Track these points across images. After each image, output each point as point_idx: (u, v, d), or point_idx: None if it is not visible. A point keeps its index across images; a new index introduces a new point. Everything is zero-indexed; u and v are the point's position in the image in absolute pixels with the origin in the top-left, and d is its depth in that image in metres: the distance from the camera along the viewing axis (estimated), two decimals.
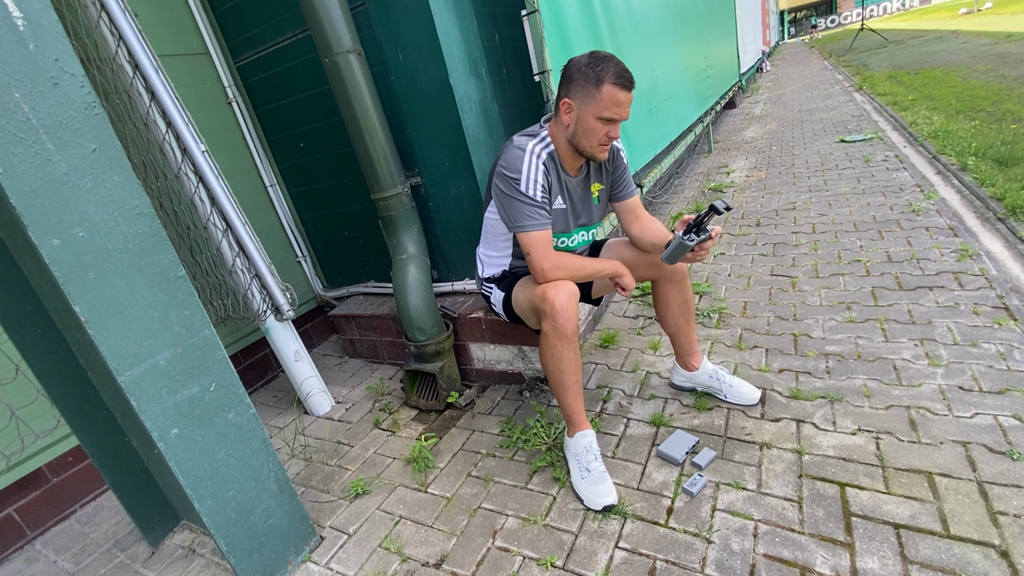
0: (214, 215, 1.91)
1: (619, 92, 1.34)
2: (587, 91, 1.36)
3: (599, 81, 1.34)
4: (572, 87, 1.39)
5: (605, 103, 1.35)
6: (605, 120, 1.38)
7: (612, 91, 1.34)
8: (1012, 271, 2.17)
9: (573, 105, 1.40)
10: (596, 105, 1.36)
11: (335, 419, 2.14)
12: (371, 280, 2.56)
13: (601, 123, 1.38)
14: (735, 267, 2.77)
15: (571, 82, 1.39)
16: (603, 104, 1.35)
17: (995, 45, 9.02)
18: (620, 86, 1.34)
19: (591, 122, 1.39)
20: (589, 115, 1.38)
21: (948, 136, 4.12)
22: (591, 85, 1.35)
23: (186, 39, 2.28)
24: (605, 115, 1.37)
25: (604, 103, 1.35)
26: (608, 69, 1.34)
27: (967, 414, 1.48)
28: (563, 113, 1.43)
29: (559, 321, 1.40)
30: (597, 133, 1.40)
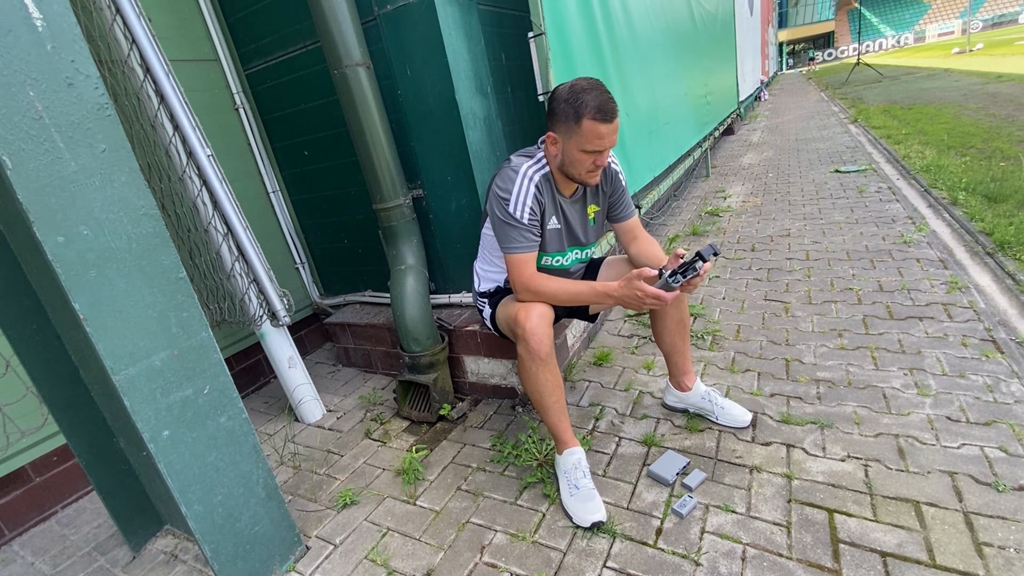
0: (216, 219, 1.92)
1: (599, 126, 1.33)
2: (568, 126, 1.37)
3: (579, 116, 1.34)
4: (555, 120, 1.40)
5: (586, 137, 1.35)
6: (589, 152, 1.39)
7: (592, 125, 1.33)
8: (1000, 305, 2.21)
9: (558, 138, 1.41)
10: (578, 139, 1.36)
11: (326, 427, 2.12)
12: (368, 289, 2.57)
13: (586, 154, 1.39)
14: (730, 290, 2.80)
15: (554, 115, 1.40)
16: (585, 138, 1.36)
17: (986, 85, 9.27)
18: (599, 120, 1.33)
19: (576, 154, 1.39)
20: (573, 148, 1.39)
21: (940, 170, 4.21)
22: (571, 120, 1.35)
23: (198, 45, 2.31)
24: (588, 148, 1.37)
25: (585, 137, 1.35)
26: (587, 103, 1.32)
27: (955, 444, 1.50)
28: (549, 145, 1.45)
29: (531, 344, 1.41)
30: (584, 163, 1.41)
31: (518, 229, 1.46)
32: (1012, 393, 1.66)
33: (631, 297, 1.36)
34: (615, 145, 1.44)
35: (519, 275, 1.49)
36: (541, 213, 1.51)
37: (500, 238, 1.50)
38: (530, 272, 1.49)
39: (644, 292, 1.32)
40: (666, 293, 1.32)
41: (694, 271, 1.30)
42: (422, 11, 1.83)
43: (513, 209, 1.45)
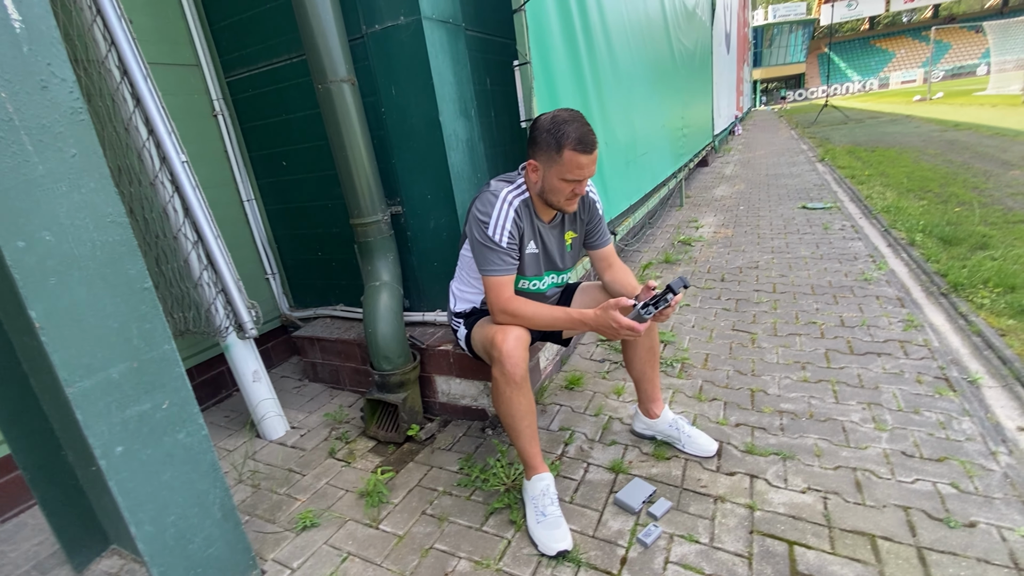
0: (186, 226, 1.87)
1: (579, 156, 1.38)
2: (549, 155, 1.41)
3: (560, 146, 1.38)
4: (536, 149, 1.44)
5: (567, 167, 1.40)
6: (569, 180, 1.43)
7: (572, 156, 1.38)
8: (952, 344, 2.31)
9: (538, 166, 1.46)
10: (558, 168, 1.41)
11: (288, 445, 2.06)
12: (341, 303, 2.53)
13: (565, 183, 1.43)
14: (699, 319, 2.86)
15: (535, 144, 1.44)
16: (565, 168, 1.40)
17: (944, 132, 9.83)
18: (580, 151, 1.38)
19: (555, 182, 1.44)
20: (553, 176, 1.43)
21: (899, 212, 4.43)
22: (552, 150, 1.40)
23: (179, 50, 2.28)
24: (568, 177, 1.42)
25: (566, 167, 1.40)
26: (568, 134, 1.37)
27: (909, 479, 1.55)
28: (530, 172, 1.49)
29: (507, 367, 1.41)
30: (563, 191, 1.45)
31: (497, 252, 1.48)
32: (963, 431, 1.73)
33: (606, 326, 1.40)
34: (594, 175, 1.48)
35: (497, 298, 1.50)
36: (520, 237, 1.53)
37: (479, 260, 1.52)
38: (508, 295, 1.50)
39: (619, 323, 1.36)
40: (639, 324, 1.36)
41: (665, 303, 1.33)
42: (410, 33, 1.85)
43: (492, 232, 1.47)
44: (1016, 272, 2.89)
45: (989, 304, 2.60)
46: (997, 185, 5.14)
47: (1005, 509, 1.40)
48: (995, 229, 3.74)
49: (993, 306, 2.58)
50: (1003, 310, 2.53)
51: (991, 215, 4.11)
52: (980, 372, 2.07)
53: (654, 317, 1.38)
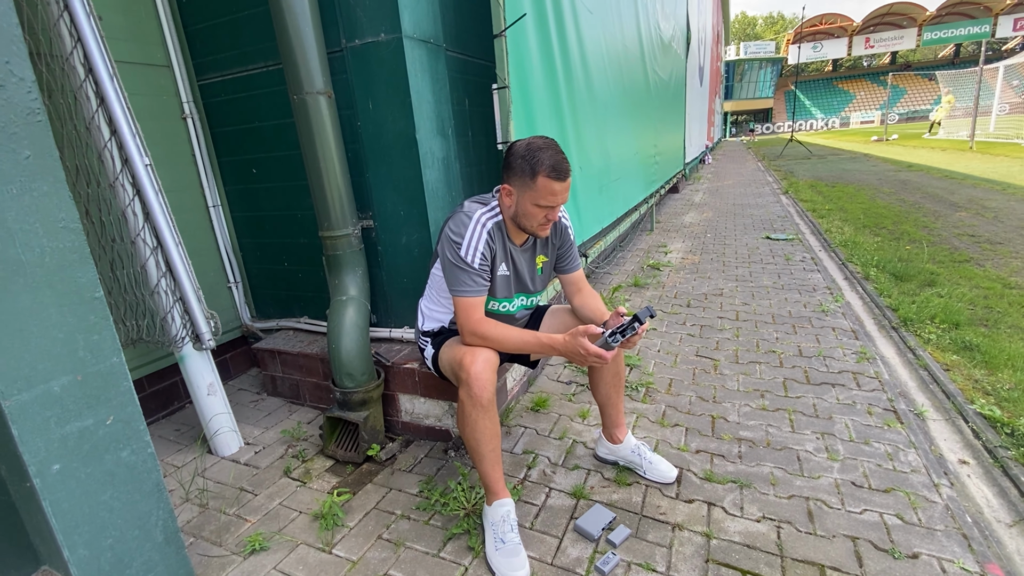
0: (146, 231, 1.81)
1: (553, 183, 1.40)
2: (523, 181, 1.43)
3: (534, 173, 1.40)
4: (511, 174, 1.46)
5: (540, 193, 1.42)
6: (542, 206, 1.45)
7: (546, 183, 1.40)
8: (901, 377, 2.42)
9: (512, 191, 1.47)
10: (532, 194, 1.43)
11: (241, 462, 1.98)
12: (305, 316, 2.48)
13: (539, 208, 1.45)
14: (665, 344, 2.91)
15: (510, 169, 1.46)
16: (539, 193, 1.42)
17: (898, 172, 10.40)
18: (554, 178, 1.40)
19: (529, 207, 1.45)
20: (527, 201, 1.45)
21: (855, 247, 4.64)
22: (527, 176, 1.42)
23: (150, 50, 2.23)
24: (541, 203, 1.43)
25: (539, 193, 1.42)
26: (543, 161, 1.40)
27: (857, 510, 1.60)
28: (504, 196, 1.50)
29: (474, 389, 1.41)
30: (536, 216, 1.47)
31: (468, 273, 1.48)
32: (909, 462, 1.81)
33: (574, 353, 1.41)
34: (566, 202, 1.50)
35: (467, 319, 1.49)
36: (492, 259, 1.54)
37: (450, 281, 1.51)
38: (478, 316, 1.50)
39: (587, 350, 1.38)
40: (606, 352, 1.37)
41: (632, 331, 1.36)
42: (390, 50, 1.86)
43: (464, 253, 1.47)
44: (960, 310, 3.05)
45: (935, 339, 2.73)
46: (945, 225, 5.45)
47: (946, 541, 1.46)
48: (942, 267, 3.96)
49: (939, 341, 2.71)
50: (948, 345, 2.66)
51: (939, 254, 4.35)
52: (926, 405, 2.16)
53: (621, 344, 1.40)
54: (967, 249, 4.49)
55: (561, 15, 2.50)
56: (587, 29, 2.90)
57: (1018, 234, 4.90)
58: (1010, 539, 1.48)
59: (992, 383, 2.27)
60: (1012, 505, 1.60)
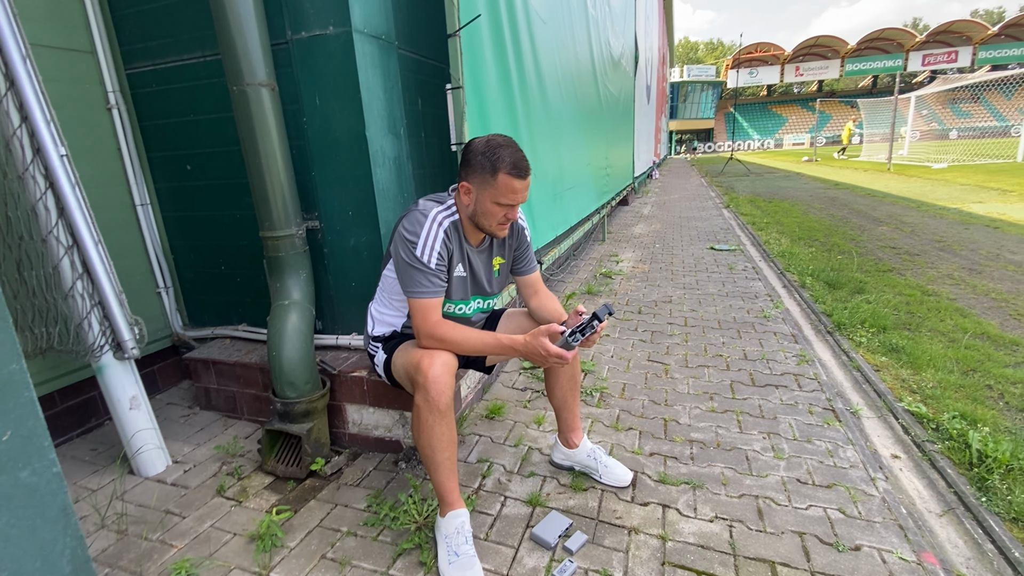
0: (59, 227, 1.64)
1: (514, 181, 1.38)
2: (483, 178, 1.40)
3: (495, 170, 1.38)
4: (470, 171, 1.42)
5: (501, 190, 1.39)
6: (502, 204, 1.42)
7: (507, 179, 1.38)
8: (837, 378, 2.54)
9: (471, 189, 1.43)
10: (492, 191, 1.40)
11: (168, 482, 1.81)
12: (244, 323, 2.32)
13: (498, 206, 1.42)
14: (618, 349, 2.94)
15: (469, 166, 1.42)
16: (499, 191, 1.39)
17: (827, 190, 11.14)
18: (514, 175, 1.38)
19: (488, 205, 1.42)
20: (487, 199, 1.41)
21: (792, 257, 4.89)
22: (487, 173, 1.39)
23: (72, 34, 2.05)
24: (501, 201, 1.41)
25: (500, 190, 1.39)
26: (504, 158, 1.37)
27: (803, 505, 1.64)
28: (462, 194, 1.46)
29: (431, 393, 1.35)
30: (495, 215, 1.44)
31: (424, 273, 1.42)
32: (847, 458, 1.88)
33: (535, 353, 1.39)
34: (525, 201, 1.48)
35: (424, 321, 1.43)
36: (448, 259, 1.49)
37: (405, 282, 1.45)
38: (436, 319, 1.44)
39: (547, 350, 1.35)
40: (567, 352, 1.35)
41: (592, 329, 1.35)
42: (339, 44, 1.79)
43: (420, 253, 1.41)
44: (887, 315, 3.26)
45: (866, 342, 2.90)
46: (870, 238, 5.86)
47: (884, 533, 1.52)
48: (869, 276, 4.23)
49: (869, 344, 2.88)
50: (877, 348, 2.83)
51: (865, 264, 4.66)
52: (860, 404, 2.27)
53: (580, 343, 1.39)
54: (889, 260, 4.83)
55: (515, 21, 2.50)
56: (541, 38, 2.93)
57: (932, 247, 5.33)
58: (941, 528, 1.56)
59: (917, 382, 2.43)
60: (941, 496, 1.69)
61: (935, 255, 4.98)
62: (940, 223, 6.58)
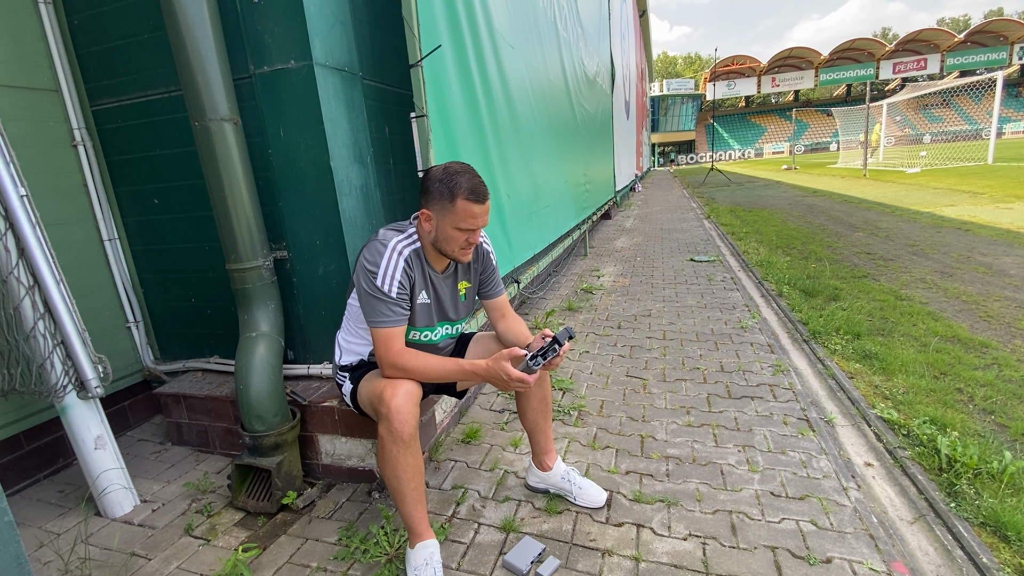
0: (20, 268, 1.62)
1: (472, 206, 1.40)
2: (442, 204, 1.41)
3: (452, 196, 1.39)
4: (429, 198, 1.43)
5: (460, 216, 1.40)
6: (463, 229, 1.43)
7: (465, 205, 1.39)
8: (813, 386, 2.56)
9: (431, 216, 1.44)
10: (452, 217, 1.41)
11: (135, 523, 1.77)
12: (216, 355, 2.30)
13: (459, 232, 1.43)
14: (597, 365, 2.95)
15: (428, 193, 1.43)
16: (458, 216, 1.41)
17: (805, 197, 11.35)
18: (472, 200, 1.40)
19: (450, 231, 1.43)
20: (447, 225, 1.43)
21: (770, 266, 4.96)
22: (445, 199, 1.40)
23: (35, 73, 2.05)
24: (461, 226, 1.42)
25: (459, 215, 1.40)
26: (461, 184, 1.39)
27: (776, 519, 1.64)
28: (423, 222, 1.47)
29: (395, 424, 1.34)
30: (457, 240, 1.45)
31: (385, 303, 1.43)
32: (821, 468, 1.89)
33: (497, 378, 1.40)
34: (487, 225, 1.50)
35: (386, 350, 1.43)
36: (411, 287, 1.49)
37: (367, 311, 1.45)
38: (398, 347, 1.44)
39: (508, 375, 1.35)
40: (528, 376, 1.36)
41: (554, 352, 1.37)
42: (300, 77, 1.81)
43: (381, 283, 1.42)
44: (860, 321, 3.31)
45: (840, 349, 2.93)
46: (845, 244, 5.97)
47: (855, 543, 1.52)
48: (844, 283, 4.30)
49: (844, 351, 2.92)
50: (851, 355, 2.87)
51: (841, 271, 4.74)
52: (834, 412, 2.29)
53: (543, 367, 1.40)
54: (864, 266, 4.91)
55: (480, 48, 2.55)
56: (509, 63, 2.98)
57: (906, 251, 5.43)
58: (912, 536, 1.57)
59: (889, 388, 2.46)
60: (912, 503, 1.70)
61: (908, 259, 5.08)
62: (913, 227, 6.72)
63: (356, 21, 2.03)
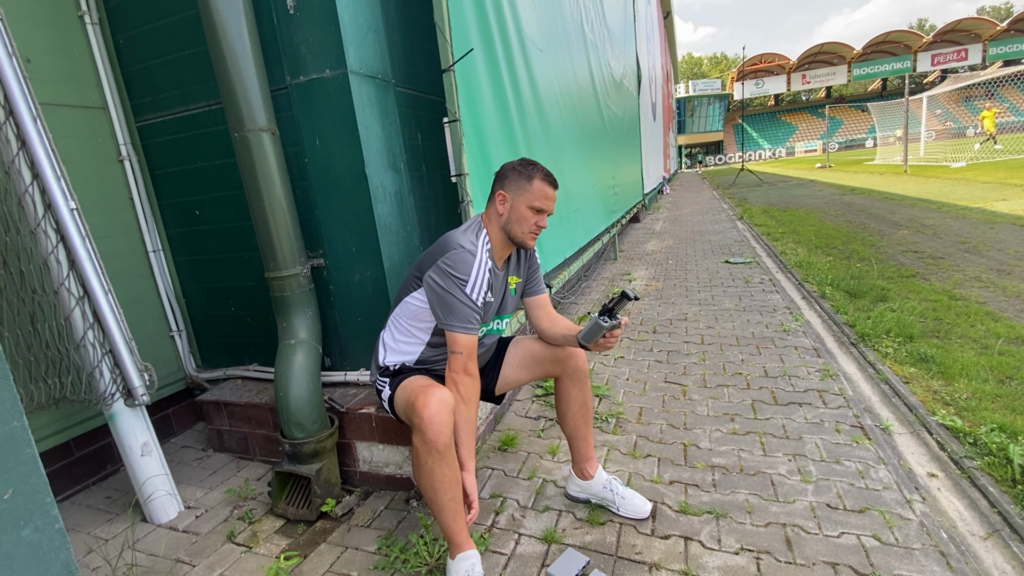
0: (71, 279, 1.67)
1: (547, 187, 1.53)
2: (520, 184, 1.52)
3: (531, 177, 1.52)
4: (506, 182, 1.54)
5: (536, 195, 1.51)
6: (535, 210, 1.52)
7: (541, 185, 1.52)
8: (864, 392, 2.43)
9: (507, 196, 1.53)
10: (528, 196, 1.51)
11: (180, 529, 1.80)
12: (255, 363, 2.33)
13: (532, 212, 1.52)
14: (633, 372, 2.87)
15: (505, 178, 1.55)
16: (534, 195, 1.51)
17: (842, 195, 10.96)
18: (548, 182, 1.53)
19: (523, 211, 1.52)
20: (522, 204, 1.52)
21: (810, 267, 4.78)
22: (524, 179, 1.52)
23: (84, 91, 2.13)
24: (536, 205, 1.51)
25: (535, 194, 1.51)
26: (538, 168, 1.54)
27: (835, 533, 1.55)
28: (498, 204, 1.55)
29: (429, 434, 1.32)
30: (528, 221, 1.53)
31: (472, 310, 1.46)
32: (880, 479, 1.78)
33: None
34: (553, 213, 1.57)
35: (469, 357, 1.46)
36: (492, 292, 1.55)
37: (450, 315, 1.45)
38: (475, 364, 1.49)
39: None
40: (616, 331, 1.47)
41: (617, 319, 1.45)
42: (336, 86, 1.82)
43: (471, 290, 1.46)
44: (912, 323, 3.14)
45: (893, 353, 2.78)
46: (889, 243, 5.71)
47: (925, 560, 1.42)
48: (891, 283, 4.10)
49: (896, 355, 2.76)
50: (905, 358, 2.71)
51: (887, 270, 4.53)
52: (890, 419, 2.17)
53: (604, 339, 1.48)
54: (912, 265, 4.68)
55: (510, 52, 2.54)
56: (538, 66, 2.96)
57: (956, 249, 5.16)
58: (986, 552, 1.45)
59: (950, 393, 2.31)
60: (984, 517, 1.58)
61: (960, 257, 4.82)
62: (963, 224, 6.39)
63: (389, 29, 2.04)
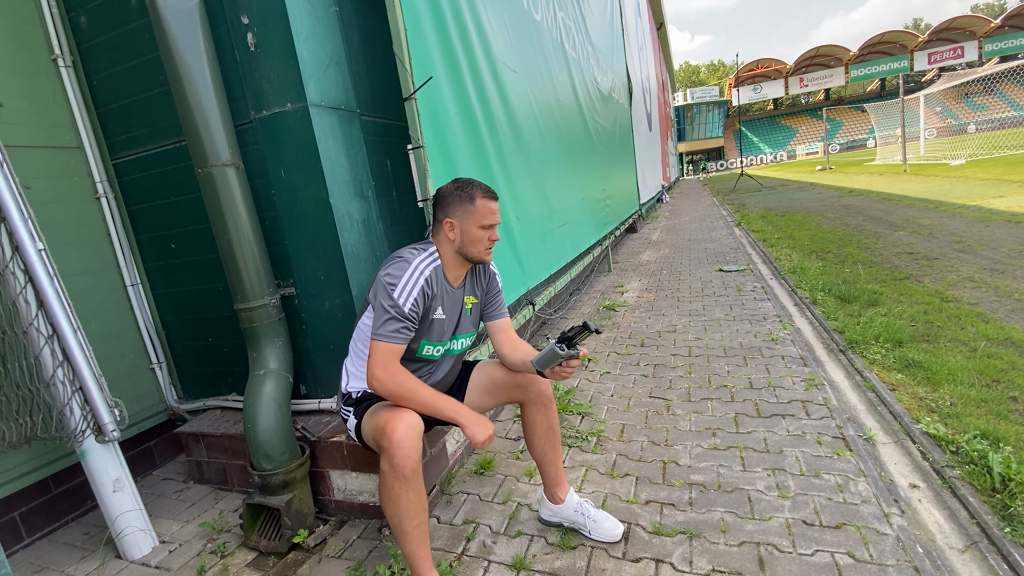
0: (39, 319, 1.70)
1: (490, 202, 1.55)
2: (464, 207, 1.53)
3: (472, 198, 1.53)
4: (449, 208, 1.55)
5: (482, 213, 1.53)
6: (485, 227, 1.54)
7: (484, 203, 1.54)
8: (851, 400, 2.39)
9: (455, 223, 1.54)
10: (476, 216, 1.53)
11: (152, 565, 1.79)
12: (233, 393, 2.34)
13: (483, 230, 1.54)
14: (618, 387, 2.85)
15: (447, 204, 1.55)
16: (480, 214, 1.53)
17: (841, 198, 10.91)
18: (489, 197, 1.56)
19: (475, 232, 1.54)
20: (472, 226, 1.53)
21: (803, 272, 4.74)
22: (466, 202, 1.53)
23: (58, 132, 2.18)
24: (484, 223, 1.54)
25: (481, 213, 1.53)
26: (476, 187, 1.56)
27: (809, 551, 1.51)
28: (447, 231, 1.55)
29: (396, 458, 1.31)
30: (482, 240, 1.55)
31: (396, 319, 1.43)
32: (859, 492, 1.75)
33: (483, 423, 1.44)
34: (500, 223, 1.59)
35: (384, 367, 1.42)
36: (427, 305, 1.52)
37: (375, 324, 1.44)
38: (395, 366, 1.44)
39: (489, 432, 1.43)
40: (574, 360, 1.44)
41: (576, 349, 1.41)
42: (297, 119, 1.85)
43: (397, 296, 1.44)
44: (902, 327, 3.10)
45: (880, 359, 2.74)
46: (885, 245, 5.66)
47: None
48: (884, 286, 4.06)
49: (884, 361, 2.72)
50: (892, 364, 2.67)
51: (880, 273, 4.48)
52: (875, 428, 2.13)
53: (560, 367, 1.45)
54: (906, 267, 4.64)
55: (479, 76, 2.57)
56: (512, 87, 2.99)
57: (951, 248, 5.11)
58: (963, 566, 1.42)
59: (935, 399, 2.27)
60: (963, 528, 1.55)
61: (955, 257, 4.76)
62: (959, 222, 6.34)
63: (352, 60, 2.08)
